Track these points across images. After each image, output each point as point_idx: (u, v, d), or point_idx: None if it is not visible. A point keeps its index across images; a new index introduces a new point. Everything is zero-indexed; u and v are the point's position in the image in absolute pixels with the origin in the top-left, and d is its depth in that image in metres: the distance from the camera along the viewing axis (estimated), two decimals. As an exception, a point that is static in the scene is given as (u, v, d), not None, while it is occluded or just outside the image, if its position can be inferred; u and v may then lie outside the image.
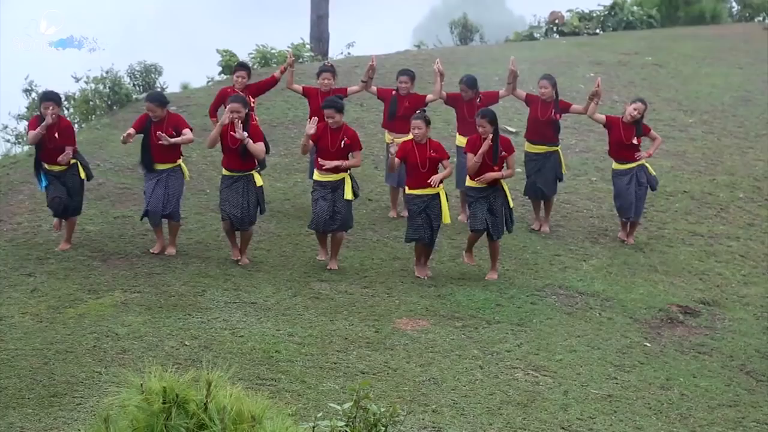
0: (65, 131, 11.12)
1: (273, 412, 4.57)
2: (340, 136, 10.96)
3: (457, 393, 8.78)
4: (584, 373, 9.42)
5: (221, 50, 19.71)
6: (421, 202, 10.95)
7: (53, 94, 11.19)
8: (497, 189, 11.13)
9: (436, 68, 12.52)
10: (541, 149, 12.53)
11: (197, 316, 9.81)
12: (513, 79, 12.37)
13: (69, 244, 11.29)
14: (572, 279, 11.52)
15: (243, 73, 12.52)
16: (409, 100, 12.44)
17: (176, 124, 11.15)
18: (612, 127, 12.29)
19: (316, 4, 23.67)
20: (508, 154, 11.07)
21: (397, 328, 9.97)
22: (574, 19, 24.27)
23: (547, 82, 12.42)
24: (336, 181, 10.99)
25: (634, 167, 12.27)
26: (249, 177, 10.98)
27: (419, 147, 10.90)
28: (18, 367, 8.60)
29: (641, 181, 12.28)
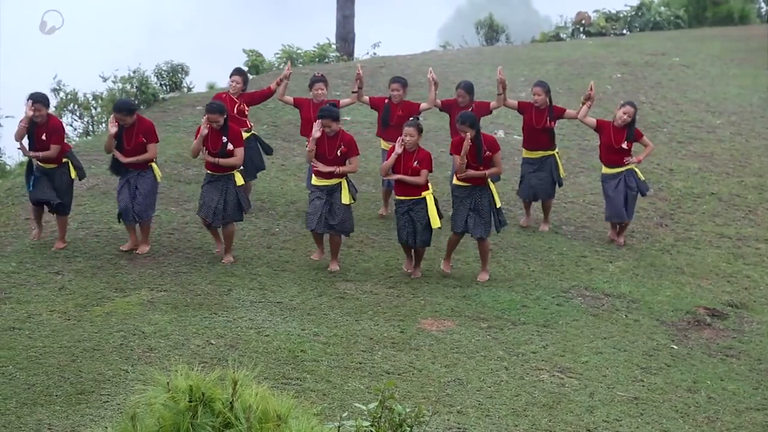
0: (54, 131, 11.19)
1: (298, 412, 4.57)
2: (336, 143, 10.98)
3: (482, 394, 8.76)
4: (610, 375, 9.38)
5: (247, 50, 19.76)
6: (404, 206, 10.93)
7: (39, 96, 11.23)
8: (484, 189, 11.07)
9: (430, 77, 12.35)
10: (537, 154, 12.45)
11: (223, 315, 9.84)
12: (503, 90, 12.20)
13: (64, 243, 11.37)
14: (598, 280, 11.47)
15: (237, 78, 12.49)
16: (402, 108, 12.28)
17: (146, 132, 11.18)
18: (603, 131, 12.18)
19: (342, 4, 23.70)
20: (493, 153, 11.00)
21: (422, 328, 9.97)
22: (601, 20, 24.18)
23: (540, 89, 12.30)
24: (332, 185, 11.00)
25: (622, 171, 12.16)
26: (229, 176, 11.07)
27: (406, 155, 10.88)
28: (46, 364, 8.66)
29: (630, 185, 12.17)
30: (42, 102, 11.14)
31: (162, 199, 12.77)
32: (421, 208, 10.89)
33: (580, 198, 13.81)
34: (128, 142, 11.11)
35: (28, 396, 8.11)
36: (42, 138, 11.11)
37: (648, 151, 12.42)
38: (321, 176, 11.04)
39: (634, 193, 12.23)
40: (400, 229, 11.00)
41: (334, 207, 10.97)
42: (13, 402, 7.98)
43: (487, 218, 11.06)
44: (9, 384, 8.28)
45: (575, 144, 15.60)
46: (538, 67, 19.14)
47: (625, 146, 12.08)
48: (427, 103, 12.38)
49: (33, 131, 11.12)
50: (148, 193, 11.24)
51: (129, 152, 11.14)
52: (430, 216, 10.89)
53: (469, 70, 18.42)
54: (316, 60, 20.37)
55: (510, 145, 15.41)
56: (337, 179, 11.00)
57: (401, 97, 12.34)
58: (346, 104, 12.64)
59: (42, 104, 11.12)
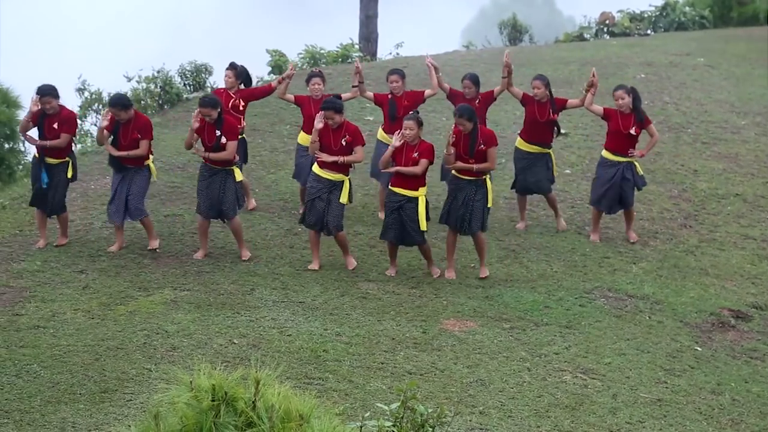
0: (66, 120, 11.24)
1: (320, 411, 4.58)
2: (341, 134, 10.91)
3: (504, 395, 8.75)
4: (633, 377, 9.35)
5: (271, 50, 19.80)
6: (396, 201, 10.83)
7: (48, 88, 11.27)
8: (479, 184, 10.98)
9: (428, 62, 12.27)
10: (533, 149, 12.29)
11: (246, 314, 9.87)
12: (508, 74, 12.10)
13: (65, 239, 11.45)
14: (622, 282, 11.43)
15: (229, 73, 12.38)
16: (407, 98, 12.19)
17: (141, 129, 11.21)
18: (610, 118, 12.08)
19: (365, 4, 23.71)
20: (487, 147, 10.91)
21: (444, 328, 9.96)
22: (625, 20, 24.07)
23: (539, 82, 12.18)
24: (335, 182, 10.92)
25: (623, 162, 12.07)
26: (228, 171, 11.07)
27: (408, 147, 10.80)
28: (70, 362, 8.71)
29: (627, 177, 12.08)
30: (51, 94, 11.20)
31: (186, 199, 12.82)
32: (412, 207, 10.78)
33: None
34: (124, 138, 11.16)
35: (52, 394, 8.15)
36: (53, 127, 11.16)
37: (652, 143, 12.32)
38: (326, 168, 10.93)
39: (630, 184, 12.13)
40: (387, 227, 10.89)
41: (332, 204, 10.90)
42: (37, 400, 8.04)
43: (479, 214, 10.96)
44: (34, 382, 8.33)
45: (599, 145, 15.49)
46: (562, 68, 19.08)
47: (633, 132, 11.98)
48: (431, 89, 12.27)
49: (43, 122, 11.17)
50: (141, 192, 11.27)
51: (124, 148, 11.18)
52: (419, 218, 10.78)
53: (492, 70, 18.38)
54: (339, 60, 20.39)
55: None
56: (341, 176, 10.91)
57: (402, 88, 12.22)
58: (347, 98, 12.44)
59: (51, 96, 11.18)
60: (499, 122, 15.97)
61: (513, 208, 13.04)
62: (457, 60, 19.77)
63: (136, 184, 11.22)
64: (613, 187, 12.04)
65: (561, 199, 13.60)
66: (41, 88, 11.22)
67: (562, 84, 18.03)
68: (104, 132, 11.17)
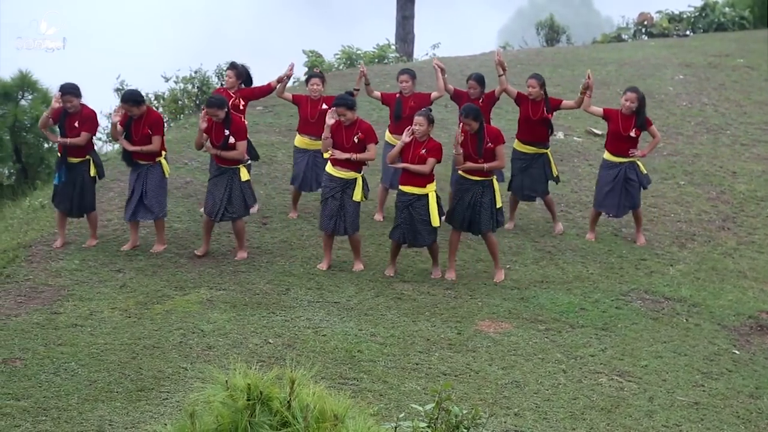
0: (86, 119, 11.29)
1: (355, 412, 4.58)
2: (353, 131, 10.85)
3: (539, 397, 8.71)
4: (670, 380, 9.28)
5: (307, 51, 19.87)
6: (406, 200, 10.77)
7: (70, 87, 11.33)
8: (486, 184, 10.92)
9: (435, 64, 12.17)
10: (530, 150, 12.15)
11: (281, 314, 9.90)
12: (503, 71, 11.95)
13: (95, 240, 11.54)
14: (658, 284, 11.35)
15: (230, 73, 12.42)
16: (414, 99, 12.10)
17: (153, 124, 11.26)
18: (611, 119, 11.95)
19: (402, 5, 23.73)
20: (495, 146, 10.85)
21: (479, 330, 9.94)
22: (664, 21, 23.92)
23: (535, 81, 12.04)
24: (348, 180, 10.87)
25: (624, 163, 11.94)
26: (234, 171, 11.09)
27: (416, 144, 10.71)
28: (107, 361, 8.77)
29: (630, 177, 11.95)
30: (72, 93, 11.27)
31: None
32: (422, 204, 10.72)
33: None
34: (135, 134, 11.22)
35: (89, 392, 8.22)
36: (74, 125, 11.23)
37: (654, 144, 12.17)
38: (338, 166, 10.89)
39: (635, 185, 12.01)
40: (397, 227, 10.84)
41: (346, 204, 10.87)
42: (75, 398, 8.10)
43: (487, 214, 10.90)
44: (71, 380, 8.41)
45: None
46: (599, 68, 19.00)
47: (633, 134, 11.85)
48: (437, 91, 12.14)
49: (65, 120, 11.25)
50: (156, 189, 11.31)
51: (136, 144, 11.25)
52: (431, 214, 10.72)
53: (529, 71, 18.30)
54: (375, 61, 20.42)
55: (570, 147, 15.32)
56: (354, 173, 10.87)
57: (411, 88, 12.14)
58: None
59: (72, 95, 11.26)
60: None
61: (548, 210, 12.97)
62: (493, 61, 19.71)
63: (151, 182, 11.27)
64: (616, 189, 11.93)
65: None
66: (63, 87, 11.31)
67: (599, 85, 17.95)
68: (117, 127, 11.24)
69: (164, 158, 11.45)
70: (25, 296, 10.13)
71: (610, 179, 11.94)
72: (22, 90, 17.02)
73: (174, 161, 14.01)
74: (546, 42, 24.65)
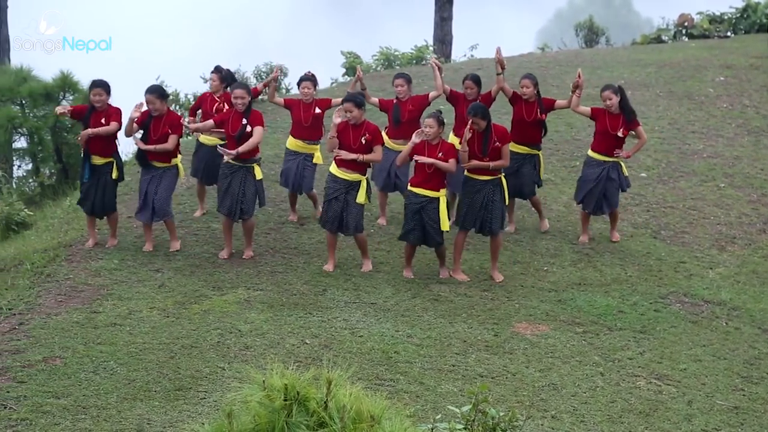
0: (114, 117, 11.30)
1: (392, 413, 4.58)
2: (361, 132, 10.78)
3: (577, 399, 8.67)
4: (709, 384, 9.20)
5: (345, 52, 19.91)
6: (417, 202, 10.72)
7: (101, 81, 11.37)
8: (496, 183, 10.85)
9: (432, 63, 11.96)
10: (522, 150, 11.95)
11: (318, 315, 9.92)
12: (501, 69, 11.78)
13: (115, 240, 11.60)
14: (698, 287, 11.26)
15: (214, 76, 12.37)
16: (412, 102, 11.96)
17: (171, 124, 11.28)
18: (598, 118, 11.80)
19: (440, 7, 23.71)
20: (502, 144, 10.79)
21: (516, 332, 9.91)
22: (704, 22, 23.70)
23: (528, 81, 11.87)
24: (353, 182, 10.81)
25: (608, 162, 11.81)
26: (248, 169, 11.09)
27: (429, 147, 10.65)
28: (146, 360, 8.84)
29: (612, 177, 11.83)
30: (103, 87, 11.29)
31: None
32: (433, 208, 10.68)
33: (679, 203, 13.57)
34: (154, 132, 11.25)
35: (128, 391, 8.28)
36: (101, 122, 11.25)
37: (640, 145, 12.03)
38: (343, 167, 10.81)
39: (615, 185, 11.90)
40: (409, 231, 10.78)
41: (350, 205, 10.84)
42: (114, 396, 8.17)
43: (498, 213, 10.86)
44: (110, 379, 8.47)
45: (675, 148, 15.34)
46: (638, 70, 18.87)
47: (621, 134, 11.72)
48: (436, 90, 11.89)
49: (90, 116, 11.27)
50: (166, 192, 11.33)
51: (153, 143, 11.26)
52: (441, 218, 10.68)
53: (567, 72, 18.25)
54: (413, 62, 20.42)
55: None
56: (359, 176, 10.82)
57: (407, 92, 11.94)
58: (338, 104, 11.70)
59: (103, 89, 11.28)
60: (573, 125, 15.86)
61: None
62: (532, 62, 19.66)
63: (163, 184, 11.32)
64: (598, 187, 11.82)
65: (636, 203, 13.46)
66: (95, 81, 11.34)
67: (638, 86, 17.84)
68: (134, 125, 11.20)
69: (180, 161, 11.47)
70: (65, 295, 10.22)
71: (593, 177, 11.82)
72: (63, 91, 17.19)
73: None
74: (585, 43, 24.52)
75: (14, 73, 17.24)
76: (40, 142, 16.89)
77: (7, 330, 9.38)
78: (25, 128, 16.84)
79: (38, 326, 9.42)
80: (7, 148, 17.04)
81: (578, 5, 42.49)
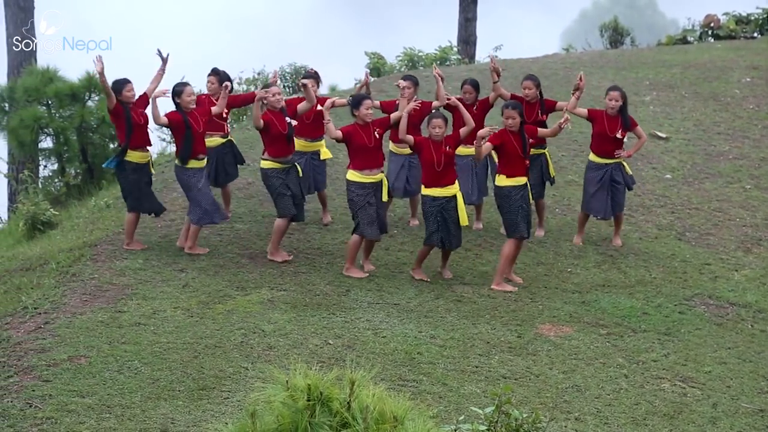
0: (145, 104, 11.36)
1: (414, 414, 4.58)
2: (371, 129, 10.81)
3: (600, 401, 8.64)
4: (735, 386, 9.14)
5: (369, 53, 19.93)
6: (437, 204, 10.68)
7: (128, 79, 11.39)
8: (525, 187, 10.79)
9: (435, 73, 11.68)
10: None
11: (341, 315, 9.93)
12: (497, 77, 11.70)
13: None
14: (723, 289, 11.19)
15: (212, 78, 12.28)
16: None
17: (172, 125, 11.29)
18: (596, 120, 11.73)
19: (465, 7, 23.69)
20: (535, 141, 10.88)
21: (539, 333, 9.88)
22: (731, 23, 23.55)
23: (531, 82, 11.81)
24: (377, 182, 10.83)
25: (610, 164, 11.76)
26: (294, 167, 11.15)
27: (435, 144, 10.65)
28: (170, 360, 8.87)
29: (616, 179, 11.77)
30: (131, 83, 11.36)
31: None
32: (452, 207, 10.68)
33: (705, 204, 13.51)
34: None
35: (152, 390, 8.32)
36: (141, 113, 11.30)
37: (640, 144, 11.96)
38: (366, 168, 10.76)
39: (621, 187, 11.84)
40: (433, 233, 10.73)
41: (379, 206, 10.86)
42: (138, 396, 8.20)
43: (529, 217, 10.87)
44: (134, 378, 8.51)
45: (701, 149, 15.26)
46: (663, 71, 18.79)
47: (620, 135, 11.64)
48: (439, 100, 11.57)
49: (130, 113, 11.28)
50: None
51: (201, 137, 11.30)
52: (460, 214, 10.68)
53: (592, 73, 18.19)
54: (437, 63, 20.41)
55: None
56: (379, 176, 10.81)
57: (413, 95, 11.64)
58: (340, 104, 11.74)
59: (131, 84, 11.35)
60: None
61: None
62: (556, 63, 19.61)
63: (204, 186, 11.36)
64: (603, 190, 11.74)
65: (661, 204, 13.41)
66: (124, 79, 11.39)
67: (663, 87, 17.77)
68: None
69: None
70: (90, 295, 10.28)
71: (596, 181, 11.76)
72: (89, 91, 17.29)
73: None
74: (609, 44, 24.43)
75: (40, 73, 17.34)
76: (66, 142, 17.00)
77: (33, 329, 9.44)
78: (51, 128, 16.95)
79: (63, 325, 9.48)
80: (33, 149, 17.16)
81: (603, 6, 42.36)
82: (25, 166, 17.28)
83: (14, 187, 17.49)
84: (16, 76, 18.97)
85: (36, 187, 15.90)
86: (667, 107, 16.63)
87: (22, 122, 16.59)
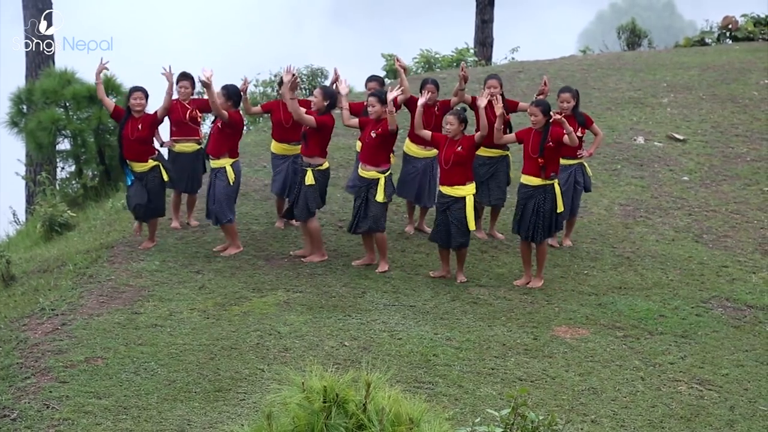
0: (152, 125, 11.42)
1: (430, 416, 4.58)
2: (377, 126, 10.88)
3: (617, 404, 8.61)
4: (752, 389, 9.10)
5: (386, 54, 19.93)
6: (444, 202, 10.72)
7: (141, 87, 11.44)
8: (548, 189, 10.72)
9: (397, 65, 11.71)
10: (494, 153, 11.73)
11: (357, 317, 9.93)
12: (464, 84, 11.55)
13: (153, 242, 11.65)
14: (740, 291, 11.14)
15: (185, 83, 12.11)
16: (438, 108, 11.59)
17: None
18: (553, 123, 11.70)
19: (481, 9, 23.65)
20: (555, 146, 10.71)
21: (556, 335, 9.86)
22: (749, 24, 23.45)
23: (495, 81, 11.62)
24: (372, 179, 10.88)
25: (573, 165, 11.69)
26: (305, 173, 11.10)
27: (449, 142, 10.62)
28: (186, 361, 8.89)
29: (578, 180, 11.73)
30: (143, 92, 11.39)
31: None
32: (459, 207, 10.63)
33: (722, 206, 13.45)
34: None
35: (168, 392, 8.34)
36: (138, 128, 11.29)
37: (598, 141, 11.88)
38: (366, 164, 10.92)
39: (580, 188, 11.80)
40: (436, 229, 10.82)
41: (369, 203, 10.89)
42: (154, 397, 8.23)
43: (547, 222, 10.73)
44: (151, 379, 8.54)
45: (718, 151, 15.20)
46: (681, 73, 18.72)
47: (579, 134, 11.51)
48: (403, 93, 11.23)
49: (126, 121, 11.34)
50: (224, 195, 11.28)
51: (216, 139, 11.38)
52: (467, 217, 10.65)
53: (609, 75, 18.16)
54: (453, 65, 20.40)
55: (650, 152, 15.12)
56: (376, 174, 10.85)
57: (435, 99, 11.59)
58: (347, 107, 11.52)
59: (143, 93, 11.38)
60: (615, 128, 15.77)
61: (628, 215, 12.85)
62: (573, 65, 19.57)
63: (216, 187, 11.30)
64: (568, 191, 11.62)
65: (678, 206, 13.36)
66: (136, 86, 11.43)
67: (681, 89, 17.70)
68: None
69: (231, 165, 11.35)
70: (107, 296, 10.32)
71: (562, 182, 11.62)
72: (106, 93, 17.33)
73: (252, 164, 14.16)
74: (627, 46, 24.35)
75: (58, 75, 17.39)
76: (83, 144, 17.05)
77: (50, 330, 9.48)
78: (69, 130, 16.99)
79: (80, 327, 9.52)
80: (50, 150, 17.22)
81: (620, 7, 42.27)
82: (43, 168, 17.36)
83: (32, 188, 17.57)
84: (34, 78, 19.05)
85: (53, 189, 15.97)
86: (684, 109, 16.57)
87: (40, 124, 16.65)
